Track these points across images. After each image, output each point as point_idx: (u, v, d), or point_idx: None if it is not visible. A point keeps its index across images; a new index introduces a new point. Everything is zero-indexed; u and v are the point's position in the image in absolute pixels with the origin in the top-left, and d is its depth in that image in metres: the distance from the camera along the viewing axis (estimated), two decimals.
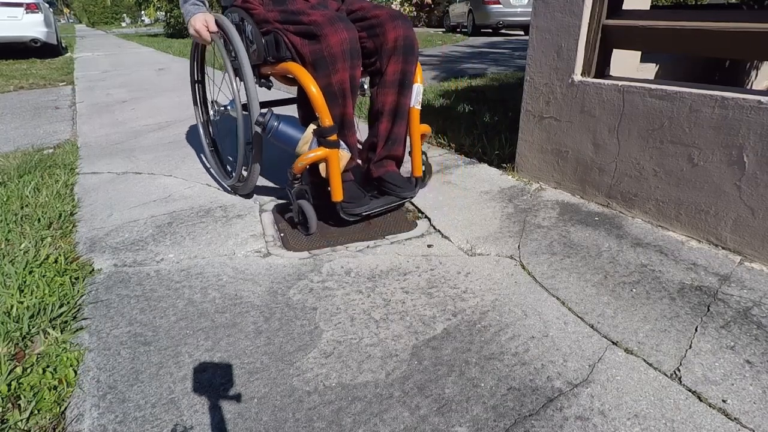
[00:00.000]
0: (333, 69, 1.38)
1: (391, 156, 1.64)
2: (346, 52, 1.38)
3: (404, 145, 1.65)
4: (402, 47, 1.52)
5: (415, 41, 1.56)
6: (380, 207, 1.57)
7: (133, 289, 1.29)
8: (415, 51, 1.56)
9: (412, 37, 1.54)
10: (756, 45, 1.33)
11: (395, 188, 1.59)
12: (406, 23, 1.52)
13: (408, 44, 1.53)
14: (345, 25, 1.38)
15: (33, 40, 7.68)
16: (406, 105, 1.59)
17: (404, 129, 1.63)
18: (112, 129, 3.07)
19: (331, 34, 1.36)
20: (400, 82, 1.55)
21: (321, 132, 1.42)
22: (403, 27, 1.51)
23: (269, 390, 0.94)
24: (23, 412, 0.90)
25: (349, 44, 1.38)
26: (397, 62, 1.53)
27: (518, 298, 1.21)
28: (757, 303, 1.16)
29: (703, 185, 1.42)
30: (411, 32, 1.54)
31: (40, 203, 1.83)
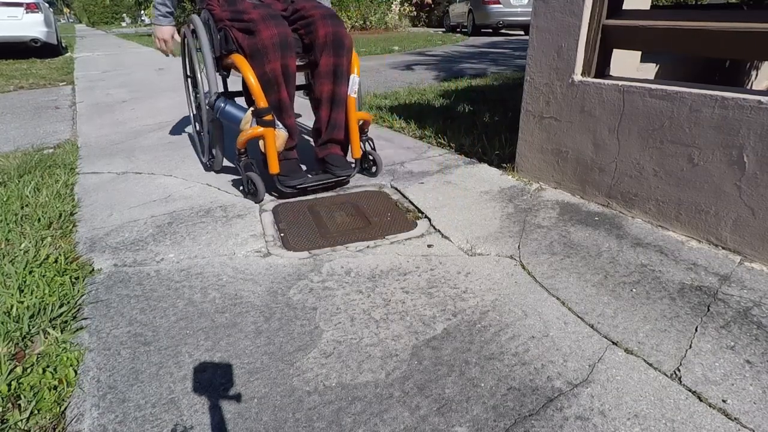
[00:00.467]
0: (266, 59, 1.65)
1: (333, 140, 1.90)
2: (276, 45, 1.64)
3: (345, 130, 1.88)
4: (331, 42, 1.76)
5: (345, 37, 1.78)
6: (315, 182, 1.83)
7: (133, 289, 1.29)
8: (345, 45, 1.78)
9: (341, 33, 1.77)
10: (756, 45, 1.33)
11: (333, 168, 1.87)
12: (335, 21, 1.77)
13: (337, 39, 1.76)
14: (275, 23, 1.66)
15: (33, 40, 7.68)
16: (342, 93, 1.83)
17: (343, 115, 1.86)
18: (112, 129, 3.07)
19: (263, 30, 1.64)
20: (333, 73, 1.80)
21: (258, 112, 1.69)
22: (332, 25, 1.75)
23: (269, 390, 0.94)
24: (23, 412, 0.90)
25: (278, 38, 1.64)
26: (328, 56, 1.78)
27: (518, 298, 1.21)
28: (757, 303, 1.16)
29: (703, 185, 1.42)
30: (339, 29, 1.77)
31: (40, 203, 1.83)
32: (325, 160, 1.89)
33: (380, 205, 1.79)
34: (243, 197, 1.88)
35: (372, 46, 8.77)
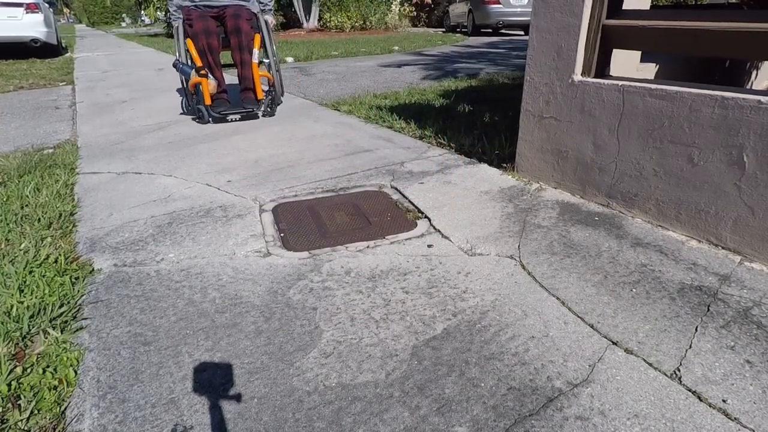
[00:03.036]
0: (199, 39, 3.05)
1: (246, 87, 3.27)
2: (202, 32, 3.04)
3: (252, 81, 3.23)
4: (234, 29, 3.14)
5: (242, 26, 3.13)
6: (233, 111, 3.17)
7: (133, 289, 1.29)
8: (243, 31, 3.14)
9: (239, 24, 3.13)
10: (756, 45, 1.33)
11: (246, 104, 3.24)
12: (237, 18, 3.13)
13: (237, 28, 3.13)
14: (203, 20, 3.07)
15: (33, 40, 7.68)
16: (247, 59, 3.19)
17: (250, 72, 3.22)
18: (112, 129, 3.07)
19: (196, 24, 3.05)
20: (238, 47, 3.16)
21: (197, 69, 3.01)
22: (234, 20, 3.13)
23: (269, 390, 0.94)
24: (23, 412, 0.90)
25: (203, 28, 3.05)
26: (234, 37, 3.16)
27: (518, 298, 1.21)
28: (757, 303, 1.16)
29: (703, 185, 1.42)
30: (238, 22, 3.13)
31: (40, 203, 1.83)
32: (242, 100, 3.28)
33: (380, 205, 1.79)
34: (242, 198, 1.88)
35: (372, 46, 8.77)
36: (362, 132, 2.83)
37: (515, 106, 2.10)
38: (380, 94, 3.94)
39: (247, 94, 3.26)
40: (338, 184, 2.00)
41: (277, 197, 1.88)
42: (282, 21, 14.94)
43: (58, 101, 4.19)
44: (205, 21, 3.04)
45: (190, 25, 3.04)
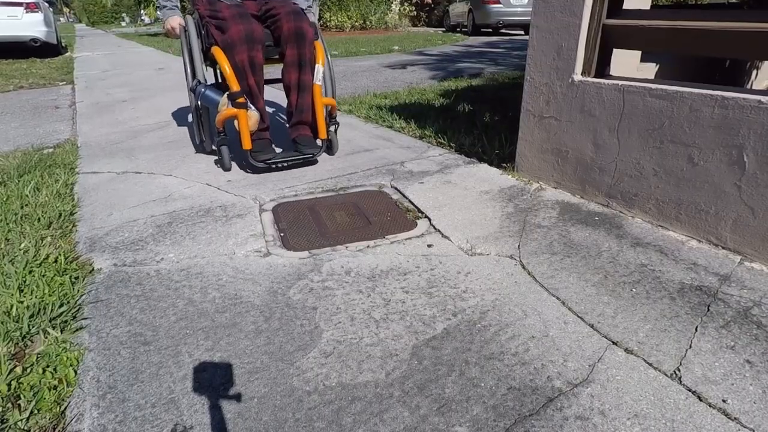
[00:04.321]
0: (234, 51, 1.94)
1: (301, 121, 2.17)
2: (243, 40, 1.94)
3: (311, 113, 2.15)
4: (294, 36, 2.03)
5: (307, 31, 2.05)
6: (283, 159, 2.11)
7: (133, 288, 1.28)
8: (307, 38, 2.04)
9: (303, 27, 2.04)
10: (756, 45, 1.33)
11: (301, 147, 2.17)
12: (298, 17, 2.04)
13: (299, 33, 2.03)
14: (243, 20, 1.96)
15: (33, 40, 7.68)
16: (308, 81, 2.10)
17: (309, 100, 2.12)
18: (112, 128, 3.06)
19: (232, 27, 1.94)
20: (298, 63, 2.08)
21: (231, 96, 1.97)
22: (294, 20, 2.02)
23: (269, 390, 0.94)
24: (23, 411, 0.90)
25: (245, 34, 1.94)
26: (292, 48, 2.05)
27: (518, 298, 1.21)
28: (757, 303, 1.16)
29: (703, 185, 1.42)
30: (301, 24, 2.03)
31: (40, 203, 1.83)
32: (295, 140, 2.19)
33: (380, 205, 1.79)
34: (243, 197, 1.88)
35: (372, 45, 8.77)
36: (362, 131, 2.83)
37: (515, 105, 2.10)
38: (380, 94, 3.94)
39: (302, 131, 2.17)
40: (338, 183, 2.00)
41: (277, 197, 1.88)
42: None
43: (58, 101, 4.19)
44: (246, 22, 1.94)
45: (220, 28, 1.96)
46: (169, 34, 2.27)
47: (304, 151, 2.13)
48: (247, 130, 1.98)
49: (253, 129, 2.01)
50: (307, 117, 2.15)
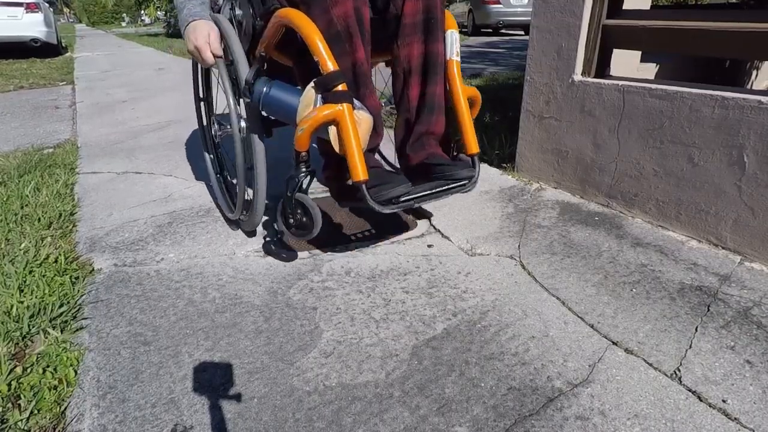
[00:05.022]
0: (331, 1, 1.07)
1: (430, 132, 1.20)
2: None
3: (452, 114, 1.23)
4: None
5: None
6: (427, 191, 1.13)
7: (133, 288, 1.29)
8: (435, 3, 1.19)
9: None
10: (756, 45, 1.33)
11: (446, 167, 1.16)
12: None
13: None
14: None
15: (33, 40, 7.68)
16: (440, 55, 1.18)
17: (442, 89, 1.20)
18: (112, 129, 3.06)
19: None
20: (425, 25, 1.14)
21: (324, 81, 1.02)
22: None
23: (269, 390, 0.94)
24: (23, 411, 0.90)
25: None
26: (412, 13, 1.15)
27: (518, 298, 1.21)
28: (757, 303, 1.16)
29: (703, 185, 1.42)
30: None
31: (40, 203, 1.83)
32: (428, 163, 1.20)
33: None
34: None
35: None
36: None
37: (515, 106, 2.10)
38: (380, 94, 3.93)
39: (430, 148, 1.26)
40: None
41: (277, 196, 1.87)
42: None
43: (58, 101, 4.19)
44: None
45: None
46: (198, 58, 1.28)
47: (456, 173, 1.18)
48: (359, 143, 1.05)
49: (365, 141, 1.12)
50: (439, 122, 1.22)
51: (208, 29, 1.23)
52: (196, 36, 1.22)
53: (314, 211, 1.16)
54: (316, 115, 1.04)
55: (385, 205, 1.08)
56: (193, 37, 1.23)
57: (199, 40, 1.22)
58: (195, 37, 1.22)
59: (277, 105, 1.16)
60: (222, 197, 1.70)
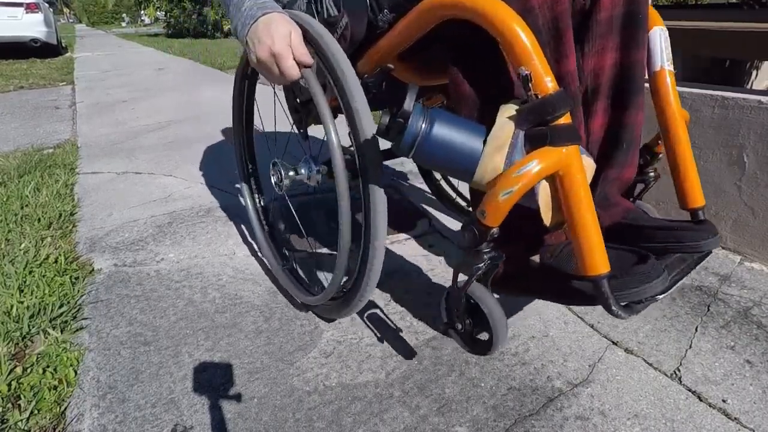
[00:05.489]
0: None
1: (622, 177, 0.83)
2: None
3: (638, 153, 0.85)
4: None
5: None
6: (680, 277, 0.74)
7: (133, 288, 1.29)
8: None
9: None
10: (756, 45, 1.33)
11: (679, 233, 0.77)
12: None
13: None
14: None
15: (33, 40, 7.68)
16: (642, 67, 0.82)
17: (642, 116, 0.82)
18: (112, 129, 3.07)
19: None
20: (624, 22, 0.78)
21: (540, 109, 0.62)
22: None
23: (269, 390, 0.94)
24: (23, 412, 0.90)
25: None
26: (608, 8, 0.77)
27: (518, 298, 1.21)
28: (757, 303, 1.16)
29: (703, 185, 1.42)
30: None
31: (40, 203, 1.83)
32: (635, 226, 0.80)
33: None
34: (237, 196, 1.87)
35: None
36: None
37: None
38: None
39: (625, 202, 0.83)
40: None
41: (277, 196, 1.87)
42: None
43: (58, 101, 4.19)
44: None
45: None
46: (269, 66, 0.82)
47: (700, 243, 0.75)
48: (593, 212, 0.63)
49: None
50: (633, 165, 0.84)
51: (289, 28, 0.79)
52: (272, 36, 0.77)
53: (496, 322, 0.71)
54: (531, 170, 0.61)
55: (628, 310, 0.67)
56: (268, 37, 0.78)
57: (277, 43, 0.77)
58: (271, 37, 0.77)
59: (447, 150, 0.66)
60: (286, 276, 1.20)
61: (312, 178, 0.99)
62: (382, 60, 0.88)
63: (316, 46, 0.85)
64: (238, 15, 0.83)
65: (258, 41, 0.79)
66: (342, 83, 0.82)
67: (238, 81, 1.26)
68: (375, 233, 0.86)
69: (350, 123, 0.83)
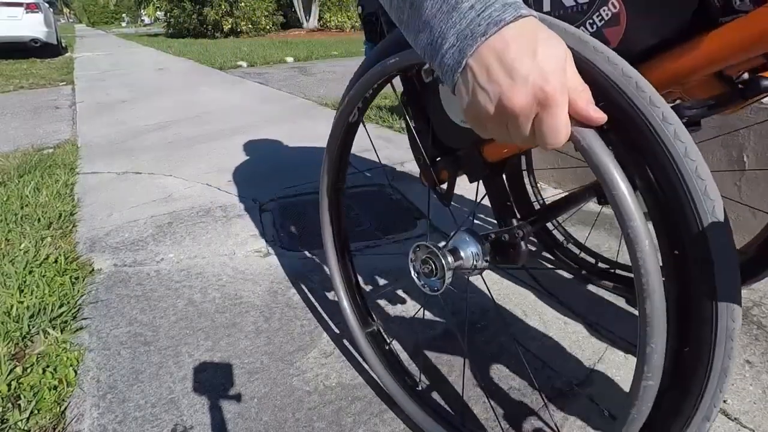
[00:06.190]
0: None
1: None
2: None
3: None
4: None
5: None
6: None
7: (133, 288, 1.29)
8: None
9: None
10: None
11: None
12: None
13: None
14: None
15: (33, 40, 7.69)
16: None
17: None
18: (112, 129, 3.07)
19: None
20: None
21: None
22: None
23: (269, 390, 0.94)
24: (23, 412, 0.90)
25: None
26: None
27: (518, 298, 1.21)
28: (757, 303, 1.16)
29: None
30: None
31: (40, 203, 1.83)
32: None
33: (380, 205, 1.79)
34: (245, 199, 1.87)
35: None
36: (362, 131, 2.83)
37: None
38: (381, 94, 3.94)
39: None
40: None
41: (277, 197, 1.88)
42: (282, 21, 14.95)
43: (58, 101, 4.19)
44: None
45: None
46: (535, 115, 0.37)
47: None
48: None
49: None
50: None
51: (565, 52, 0.38)
52: (544, 69, 0.36)
53: None
54: None
55: None
56: (532, 68, 0.36)
57: (552, 81, 0.36)
58: (540, 70, 0.36)
59: None
60: None
61: (479, 262, 0.67)
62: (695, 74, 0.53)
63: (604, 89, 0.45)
64: (453, 17, 0.39)
65: (508, 73, 0.37)
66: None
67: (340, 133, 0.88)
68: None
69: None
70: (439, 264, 0.66)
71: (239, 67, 6.41)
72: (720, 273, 0.45)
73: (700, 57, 0.50)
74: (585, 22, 0.54)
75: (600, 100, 0.43)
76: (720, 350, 0.46)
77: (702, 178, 0.44)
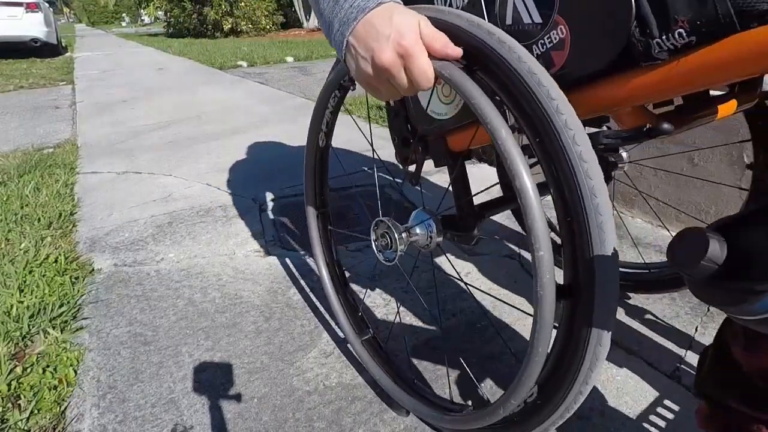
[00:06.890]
0: None
1: None
2: None
3: None
4: None
5: None
6: None
7: (133, 288, 1.29)
8: None
9: None
10: None
11: None
12: None
13: None
14: None
15: (33, 40, 7.69)
16: None
17: None
18: (112, 128, 3.07)
19: None
20: None
21: None
22: None
23: (269, 390, 0.94)
24: (23, 411, 0.90)
25: None
26: None
27: (518, 298, 1.21)
28: None
29: (703, 185, 1.42)
30: None
31: (40, 203, 1.83)
32: None
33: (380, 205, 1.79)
34: (246, 200, 1.87)
35: None
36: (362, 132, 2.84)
37: None
38: None
39: None
40: (338, 183, 2.00)
41: (277, 197, 1.88)
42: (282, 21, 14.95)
43: (58, 101, 4.19)
44: None
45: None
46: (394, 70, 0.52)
47: None
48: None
49: None
50: None
51: (417, 17, 0.53)
52: (399, 29, 0.51)
53: None
54: None
55: None
56: (391, 31, 0.51)
57: (407, 37, 0.51)
58: (397, 30, 0.51)
59: None
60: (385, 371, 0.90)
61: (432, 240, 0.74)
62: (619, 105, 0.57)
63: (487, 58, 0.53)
64: (335, 9, 0.54)
65: (374, 40, 0.51)
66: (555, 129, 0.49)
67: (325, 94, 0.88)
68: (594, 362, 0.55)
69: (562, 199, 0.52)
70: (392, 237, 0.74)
71: (239, 66, 6.41)
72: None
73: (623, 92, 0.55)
74: (537, 41, 0.59)
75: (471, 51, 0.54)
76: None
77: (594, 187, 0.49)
